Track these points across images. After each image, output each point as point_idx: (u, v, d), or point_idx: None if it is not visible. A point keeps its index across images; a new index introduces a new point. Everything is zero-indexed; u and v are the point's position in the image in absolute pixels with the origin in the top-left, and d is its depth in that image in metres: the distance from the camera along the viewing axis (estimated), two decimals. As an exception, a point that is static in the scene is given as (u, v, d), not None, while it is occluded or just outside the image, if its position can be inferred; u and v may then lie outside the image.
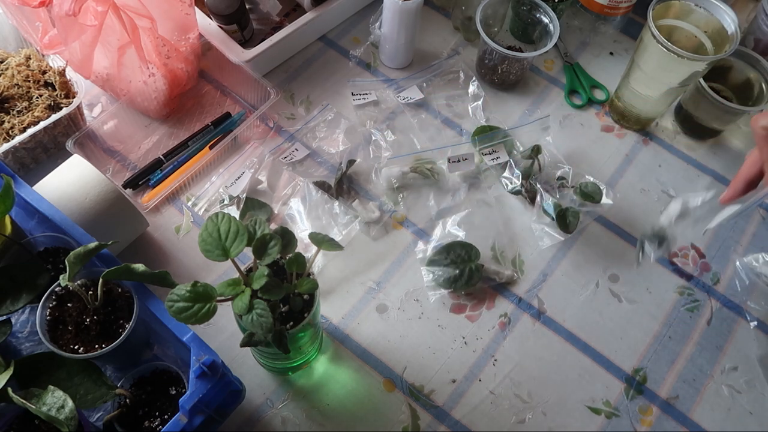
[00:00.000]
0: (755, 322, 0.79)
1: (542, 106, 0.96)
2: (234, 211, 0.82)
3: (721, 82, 0.92)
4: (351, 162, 0.86)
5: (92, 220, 0.71)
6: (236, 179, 0.83)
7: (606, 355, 0.77)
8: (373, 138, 0.89)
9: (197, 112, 0.91)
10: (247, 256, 0.57)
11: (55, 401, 0.53)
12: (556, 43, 0.94)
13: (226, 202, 0.83)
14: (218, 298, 0.54)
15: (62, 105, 0.83)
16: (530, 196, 0.85)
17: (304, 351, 0.69)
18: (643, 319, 0.79)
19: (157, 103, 0.85)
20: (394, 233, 0.82)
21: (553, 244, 0.83)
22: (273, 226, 0.72)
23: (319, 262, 0.80)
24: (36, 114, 0.81)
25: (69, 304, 0.63)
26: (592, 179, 0.84)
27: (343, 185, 0.84)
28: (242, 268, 0.57)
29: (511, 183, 0.86)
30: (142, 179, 0.84)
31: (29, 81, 0.83)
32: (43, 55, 0.85)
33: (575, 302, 0.80)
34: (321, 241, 0.58)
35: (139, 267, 0.58)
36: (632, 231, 0.85)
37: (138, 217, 0.76)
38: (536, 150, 0.86)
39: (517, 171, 0.86)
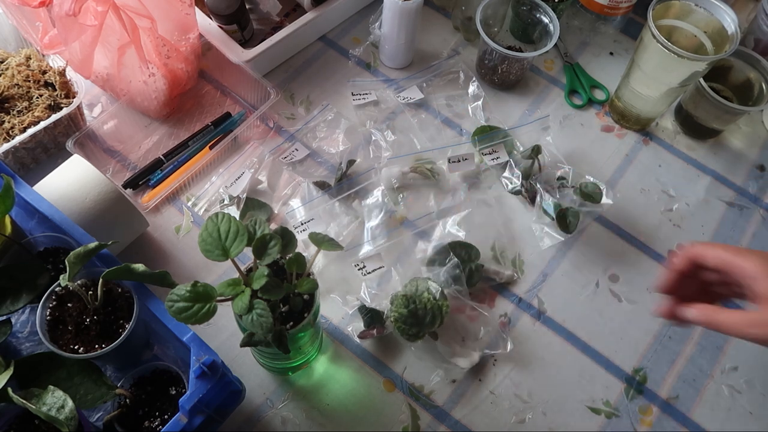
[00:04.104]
0: None
1: (542, 106, 0.96)
2: (234, 211, 0.82)
3: (721, 82, 0.92)
4: (351, 162, 0.86)
5: (92, 220, 0.71)
6: (236, 179, 0.83)
7: (606, 355, 0.77)
8: (373, 138, 0.89)
9: (197, 112, 0.91)
10: (247, 256, 0.57)
11: (55, 401, 0.53)
12: (556, 43, 0.94)
13: (226, 202, 0.83)
14: (218, 298, 0.54)
15: (62, 105, 0.83)
16: (530, 196, 0.85)
17: (304, 351, 0.69)
18: (643, 319, 0.79)
19: (157, 103, 0.85)
20: (394, 233, 0.82)
21: (553, 244, 0.83)
22: (273, 226, 0.72)
23: (319, 262, 0.80)
24: (36, 114, 0.81)
25: (69, 304, 0.63)
26: (592, 179, 0.84)
27: (343, 185, 0.84)
28: (242, 268, 0.57)
29: (511, 183, 0.86)
30: (142, 179, 0.84)
31: (29, 81, 0.83)
32: (43, 55, 0.85)
33: (575, 302, 0.80)
34: (321, 241, 0.58)
35: (139, 267, 0.58)
36: (632, 231, 0.85)
37: (138, 217, 0.76)
38: (536, 150, 0.86)
39: (517, 171, 0.86)
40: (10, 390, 0.53)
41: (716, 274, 0.58)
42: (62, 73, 0.84)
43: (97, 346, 0.61)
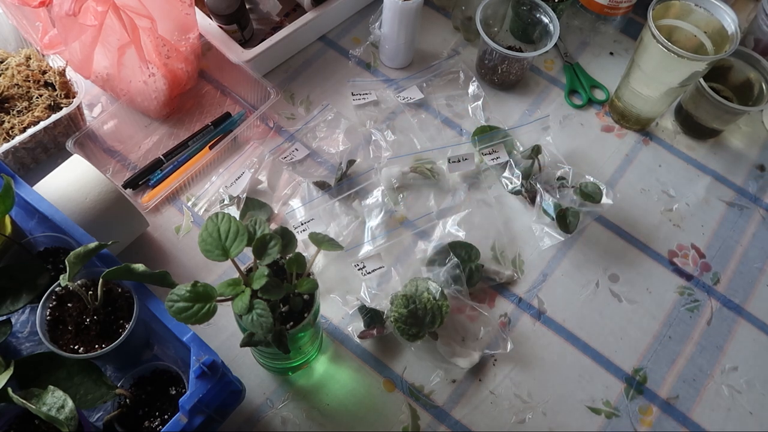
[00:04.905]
0: None
1: (542, 106, 0.96)
2: (234, 211, 0.82)
3: (721, 82, 0.92)
4: (351, 162, 0.86)
5: (92, 220, 0.71)
6: (236, 179, 0.83)
7: (606, 355, 0.77)
8: (373, 138, 0.89)
9: (197, 112, 0.91)
10: (247, 256, 0.57)
11: (55, 401, 0.53)
12: (556, 43, 0.94)
13: (226, 202, 0.83)
14: (218, 298, 0.54)
15: (62, 105, 0.83)
16: (530, 196, 0.85)
17: (304, 351, 0.69)
18: (643, 319, 0.80)
19: (157, 103, 0.85)
20: (394, 233, 0.82)
21: (553, 244, 0.83)
22: (273, 226, 0.72)
23: (319, 262, 0.80)
24: (36, 114, 0.81)
25: (69, 304, 0.63)
26: (592, 179, 0.84)
27: (343, 185, 0.84)
28: (242, 268, 0.57)
29: (511, 183, 0.86)
30: (142, 179, 0.84)
31: (29, 81, 0.83)
32: (43, 55, 0.85)
33: (575, 302, 0.80)
34: (321, 241, 0.58)
35: (139, 267, 0.58)
36: (632, 231, 0.86)
37: (138, 217, 0.76)
38: (536, 150, 0.86)
39: (517, 171, 0.86)
40: (10, 390, 0.53)
41: None
42: (62, 73, 0.84)
43: (97, 346, 0.61)
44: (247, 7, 0.96)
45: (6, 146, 0.77)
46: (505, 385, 0.74)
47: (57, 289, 0.64)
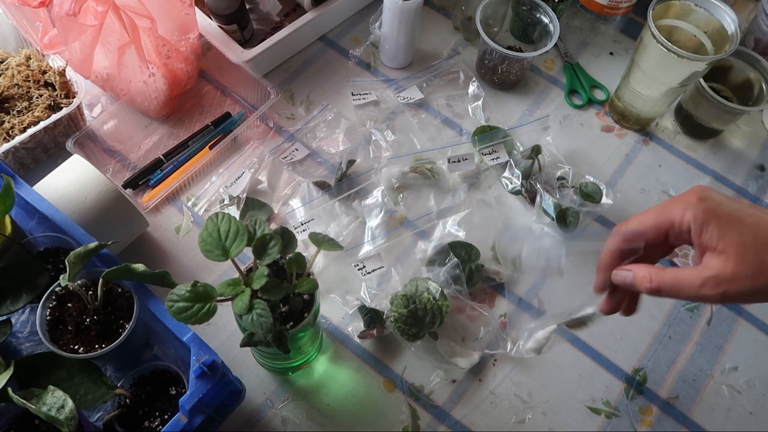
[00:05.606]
0: None
1: (542, 106, 0.96)
2: (234, 211, 0.82)
3: (721, 82, 0.92)
4: (351, 162, 0.86)
5: (92, 220, 0.71)
6: (236, 179, 0.83)
7: (606, 355, 0.77)
8: (373, 138, 0.89)
9: (197, 112, 0.91)
10: (247, 256, 0.57)
11: (55, 401, 0.53)
12: (556, 43, 0.94)
13: (226, 202, 0.83)
14: (218, 298, 0.54)
15: (62, 105, 0.83)
16: (530, 196, 0.85)
17: (304, 351, 0.70)
18: (643, 319, 0.79)
19: (157, 103, 0.85)
20: (394, 233, 0.82)
21: (553, 244, 0.83)
22: (273, 226, 0.72)
23: (319, 262, 0.80)
24: (36, 114, 0.81)
25: (69, 304, 0.63)
26: (592, 179, 0.84)
27: (343, 185, 0.84)
28: (242, 268, 0.57)
29: (511, 183, 0.86)
30: (142, 179, 0.84)
31: (29, 81, 0.83)
32: (43, 55, 0.85)
33: (575, 302, 0.80)
34: (321, 241, 0.58)
35: (139, 267, 0.58)
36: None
37: (138, 217, 0.76)
38: (536, 150, 0.86)
39: (517, 171, 0.86)
40: (10, 390, 0.53)
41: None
42: (62, 73, 0.84)
43: (97, 346, 0.61)
44: (247, 7, 0.96)
45: (6, 146, 0.77)
46: (505, 385, 0.74)
47: (57, 289, 0.64)
